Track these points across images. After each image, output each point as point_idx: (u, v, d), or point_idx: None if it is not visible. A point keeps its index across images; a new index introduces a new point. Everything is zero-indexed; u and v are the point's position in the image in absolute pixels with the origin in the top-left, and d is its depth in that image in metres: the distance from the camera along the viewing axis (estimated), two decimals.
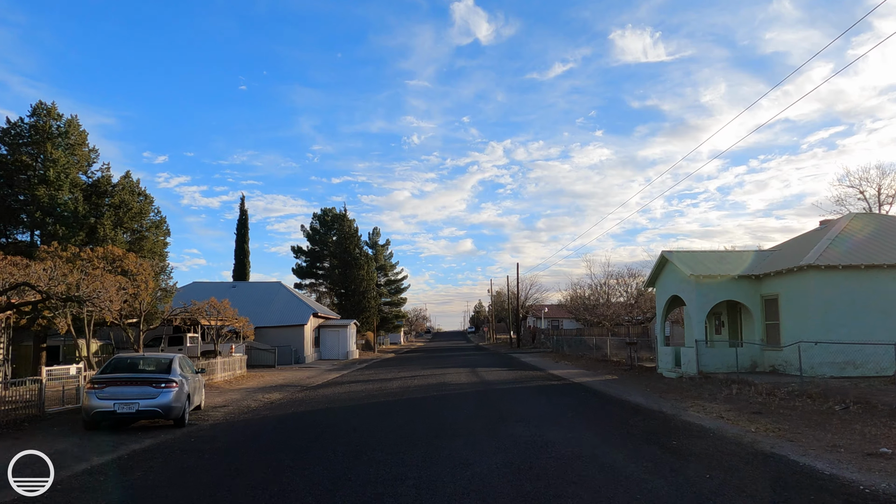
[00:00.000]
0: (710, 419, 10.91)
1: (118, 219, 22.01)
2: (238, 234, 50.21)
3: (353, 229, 51.42)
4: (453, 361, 34.49)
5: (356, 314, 49.51)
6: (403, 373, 25.61)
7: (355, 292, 49.63)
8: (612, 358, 28.58)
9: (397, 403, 14.56)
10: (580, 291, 40.72)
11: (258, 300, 39.33)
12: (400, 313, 75.66)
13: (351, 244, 50.25)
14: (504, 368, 27.33)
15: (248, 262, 50.13)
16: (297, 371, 28.69)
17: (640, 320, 55.02)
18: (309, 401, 15.81)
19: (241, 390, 19.10)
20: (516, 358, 37.04)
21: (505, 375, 22.86)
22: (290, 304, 38.76)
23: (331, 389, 18.86)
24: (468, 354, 44.76)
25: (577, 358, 33.32)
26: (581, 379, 20.61)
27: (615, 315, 32.60)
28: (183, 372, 11.86)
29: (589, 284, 40.56)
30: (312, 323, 38.37)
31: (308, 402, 15.38)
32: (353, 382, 21.37)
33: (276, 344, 35.09)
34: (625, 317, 35.83)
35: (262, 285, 42.63)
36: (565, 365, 28.76)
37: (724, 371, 17.91)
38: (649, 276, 22.22)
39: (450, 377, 22.31)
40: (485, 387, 18.36)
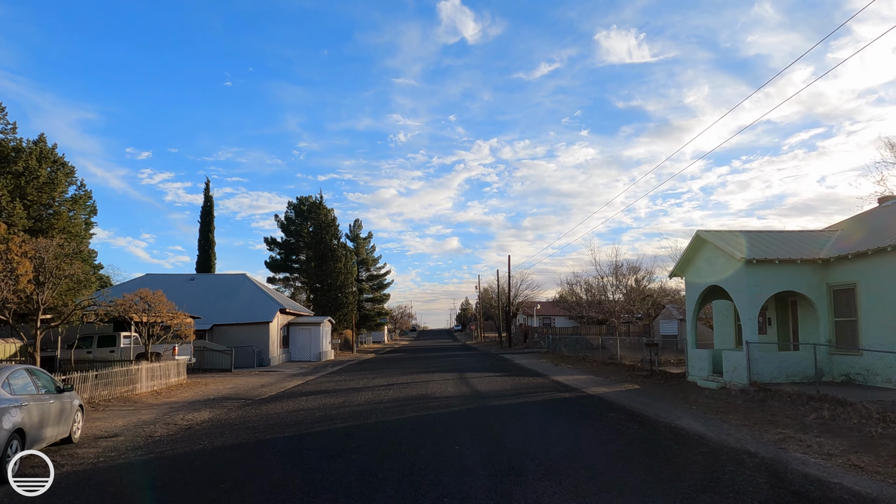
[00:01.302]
0: (841, 469, 6.95)
1: (19, 188, 17.50)
2: (202, 221, 45.63)
3: (330, 218, 47.06)
4: (438, 364, 30.42)
5: (332, 311, 45.19)
6: (379, 379, 21.45)
7: (332, 287, 45.28)
8: (624, 361, 24.70)
9: (359, 431, 10.42)
10: (584, 284, 36.67)
11: (219, 294, 34.91)
12: (383, 310, 71.35)
13: (327, 234, 45.89)
14: (497, 373, 23.31)
15: (214, 254, 45.60)
16: (254, 377, 24.37)
17: (638, 318, 51.48)
18: (241, 425, 11.59)
19: (164, 406, 14.81)
20: (509, 360, 33.05)
21: (500, 384, 18.82)
22: (255, 298, 34.36)
23: (280, 405, 14.64)
24: (455, 355, 40.70)
25: (578, 360, 29.42)
26: (596, 389, 16.64)
27: (625, 311, 28.79)
28: (15, 394, 7.62)
29: (593, 277, 36.58)
30: (280, 320, 34.02)
31: (238, 429, 11.16)
32: (314, 394, 17.16)
33: (237, 344, 30.75)
34: (627, 314, 31.96)
35: (224, 278, 38.15)
36: (568, 369, 24.83)
37: (782, 381, 14.08)
38: (677, 264, 18.32)
39: (434, 386, 18.22)
40: (478, 402, 14.29)
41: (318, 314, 43.74)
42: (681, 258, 18.06)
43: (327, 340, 38.76)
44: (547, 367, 26.78)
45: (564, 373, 22.95)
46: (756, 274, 14.52)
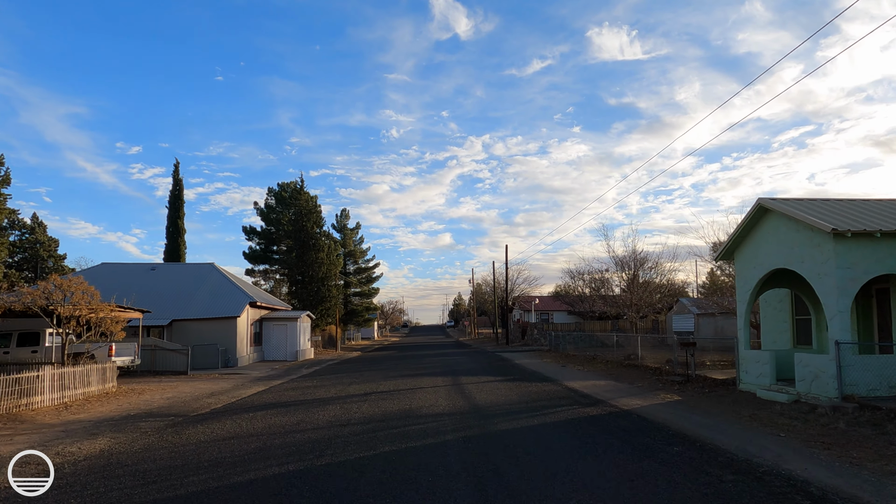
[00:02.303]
0: None
1: None
2: (171, 207, 41.57)
3: (311, 204, 43.16)
4: (429, 364, 26.74)
5: (314, 305, 41.35)
6: (356, 386, 17.73)
7: (313, 279, 41.42)
8: (645, 362, 21.12)
9: (298, 486, 6.70)
10: (591, 276, 32.96)
11: (183, 286, 31.01)
12: (371, 305, 67.55)
13: (309, 222, 41.99)
14: (498, 378, 19.66)
15: (184, 242, 41.58)
16: (209, 381, 20.57)
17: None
18: (129, 467, 7.84)
19: (56, 428, 11.01)
20: (508, 360, 29.42)
21: (504, 393, 15.17)
22: (223, 290, 30.48)
23: (212, 428, 10.89)
24: (448, 353, 37.04)
25: (588, 360, 25.84)
26: (628, 402, 13.02)
27: (646, 304, 25.17)
28: None
29: (603, 269, 32.91)
30: (251, 314, 30.18)
31: (120, 475, 7.40)
32: (266, 409, 13.41)
33: (199, 341, 26.95)
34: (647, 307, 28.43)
35: (189, 268, 34.22)
36: (579, 371, 21.25)
37: (883, 394, 10.54)
38: (728, 243, 14.65)
39: (421, 397, 14.52)
40: (479, 424, 10.60)
41: (299, 309, 39.90)
42: (731, 238, 14.40)
43: (306, 337, 34.96)
44: (553, 368, 23.17)
45: (577, 376, 19.34)
46: (849, 252, 10.91)
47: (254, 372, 24.53)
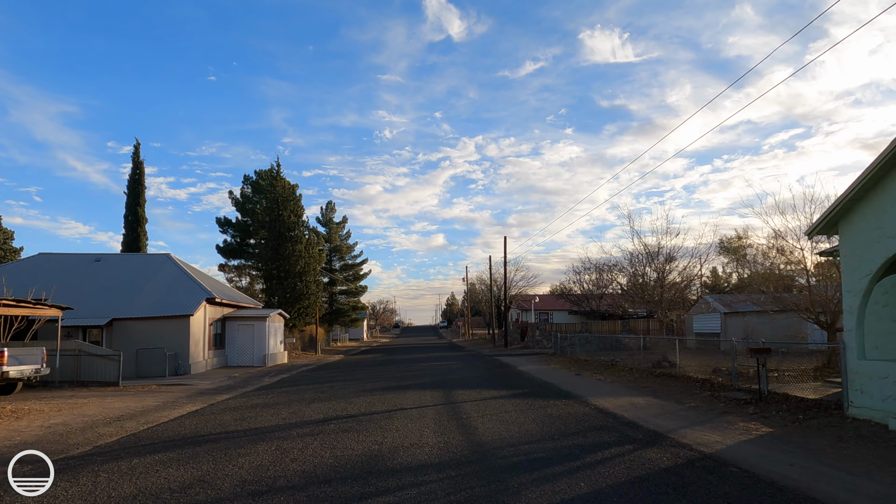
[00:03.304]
0: None
1: None
2: (130, 193, 37.08)
3: (288, 190, 38.82)
4: (418, 372, 22.54)
5: (291, 303, 37.03)
6: (317, 405, 13.49)
7: (290, 274, 37.09)
8: (687, 371, 16.99)
9: None
10: (604, 269, 28.75)
11: (131, 280, 26.66)
12: (359, 304, 63.20)
13: (284, 210, 37.65)
14: (502, 392, 15.51)
15: (144, 232, 37.11)
16: (137, 397, 16.27)
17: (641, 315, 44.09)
18: None
19: None
20: (510, 366, 25.26)
21: (516, 419, 11.02)
22: (176, 284, 26.13)
23: (48, 496, 6.62)
24: (440, 357, 32.85)
25: (605, 367, 21.76)
26: (700, 436, 8.89)
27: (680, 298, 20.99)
28: None
29: (615, 261, 28.69)
30: (209, 313, 25.85)
31: None
32: (168, 450, 9.17)
33: (148, 344, 22.73)
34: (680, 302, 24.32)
35: (140, 259, 29.83)
36: (600, 382, 17.16)
37: None
38: (827, 214, 10.50)
39: (400, 427, 10.30)
40: (489, 486, 6.43)
41: (273, 307, 35.59)
42: (834, 206, 10.26)
43: (278, 339, 30.63)
44: (567, 377, 19.06)
45: (602, 390, 15.23)
46: None
47: (204, 382, 20.21)
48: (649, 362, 20.05)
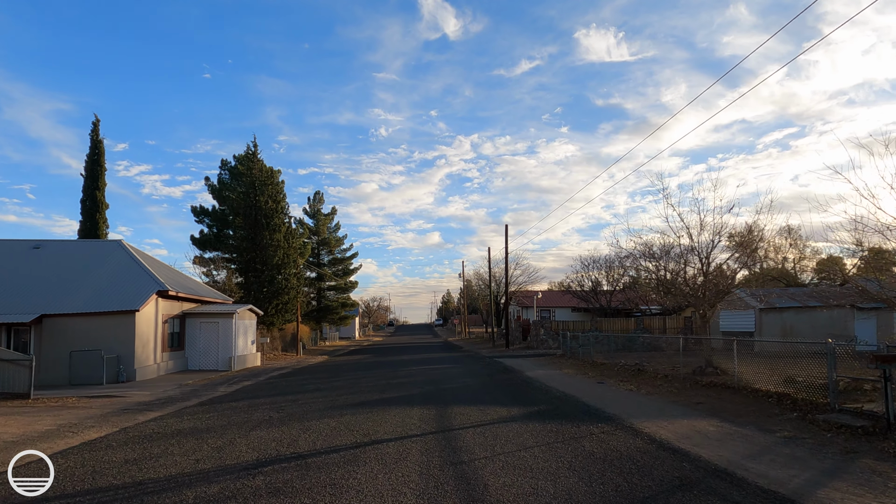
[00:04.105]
0: None
1: None
2: (88, 175, 33.16)
3: (266, 173, 35.01)
4: (407, 378, 18.83)
5: (268, 298, 33.26)
6: (256, 435, 9.72)
7: (267, 266, 33.30)
8: (747, 380, 13.32)
9: None
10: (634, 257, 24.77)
11: (71, 269, 22.85)
12: (349, 301, 59.36)
13: (262, 195, 33.85)
14: (515, 409, 11.84)
15: (104, 218, 33.20)
16: (35, 415, 12.51)
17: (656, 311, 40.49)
18: None
19: None
20: (515, 370, 21.60)
21: (544, 462, 7.36)
22: (123, 275, 22.32)
23: None
24: (434, 359, 29.16)
25: (631, 374, 18.16)
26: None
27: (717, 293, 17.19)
28: None
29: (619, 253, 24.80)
30: (163, 308, 22.08)
31: None
32: None
33: (84, 345, 19.04)
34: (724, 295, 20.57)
35: (86, 246, 25.96)
36: (633, 395, 13.54)
37: None
38: None
39: (365, 483, 6.55)
40: None
41: (249, 302, 31.82)
42: None
43: (248, 339, 26.86)
44: (588, 387, 15.41)
45: (643, 407, 11.59)
46: None
47: (143, 393, 16.44)
48: (689, 367, 16.42)
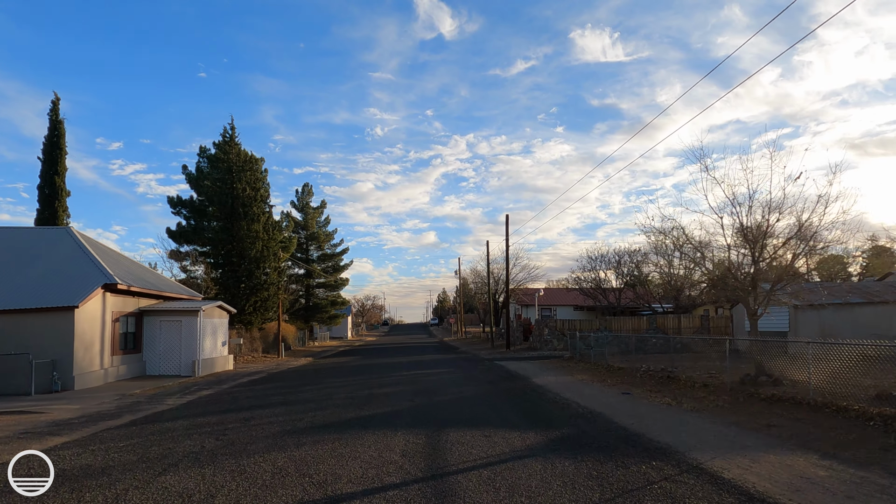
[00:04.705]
0: None
1: None
2: (46, 160, 30.04)
3: (243, 159, 32.01)
4: (394, 389, 15.84)
5: (247, 295, 30.26)
6: (156, 487, 6.74)
7: (244, 259, 30.31)
8: (830, 396, 10.43)
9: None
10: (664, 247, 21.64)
11: (12, 260, 19.80)
12: (339, 299, 56.36)
13: (239, 182, 30.86)
14: (531, 435, 8.92)
15: (64, 206, 30.10)
16: None
17: (668, 309, 37.73)
18: None
19: None
20: (521, 376, 18.69)
21: None
22: (65, 266, 19.31)
23: None
24: (428, 363, 26.22)
25: (661, 382, 15.33)
26: None
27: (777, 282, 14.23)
28: None
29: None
30: (113, 305, 19.07)
31: None
32: None
33: (13, 348, 16.00)
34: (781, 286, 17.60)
35: (28, 234, 22.89)
36: (678, 411, 10.71)
37: None
38: None
39: None
40: None
41: (225, 299, 28.83)
42: None
43: (219, 340, 23.85)
44: (615, 400, 12.53)
45: (701, 433, 8.72)
46: None
47: (70, 407, 13.44)
48: (737, 375, 13.56)
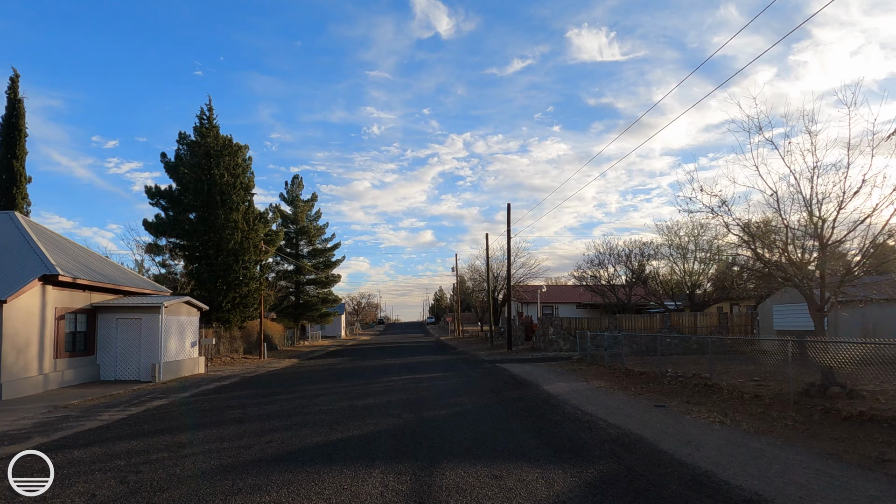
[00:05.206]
0: None
1: None
2: (3, 140, 27.39)
3: (222, 143, 29.40)
4: (379, 395, 13.24)
5: (224, 291, 27.69)
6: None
7: (221, 251, 27.72)
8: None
9: None
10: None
11: None
12: (330, 296, 53.72)
13: (217, 167, 28.26)
14: (559, 476, 6.34)
15: (24, 193, 27.48)
16: None
17: (677, 306, 35.34)
18: None
19: None
20: (528, 382, 16.19)
21: None
22: (3, 255, 16.68)
23: None
24: (423, 365, 23.67)
25: (698, 391, 12.86)
26: None
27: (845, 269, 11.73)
28: None
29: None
30: (55, 300, 16.47)
31: None
32: None
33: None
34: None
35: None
36: (737, 433, 8.19)
37: None
38: None
39: None
40: None
41: (200, 295, 26.25)
42: None
43: (188, 340, 21.25)
44: (651, 415, 10.03)
45: (791, 470, 6.21)
46: None
47: None
48: (799, 385, 11.07)
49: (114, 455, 8.02)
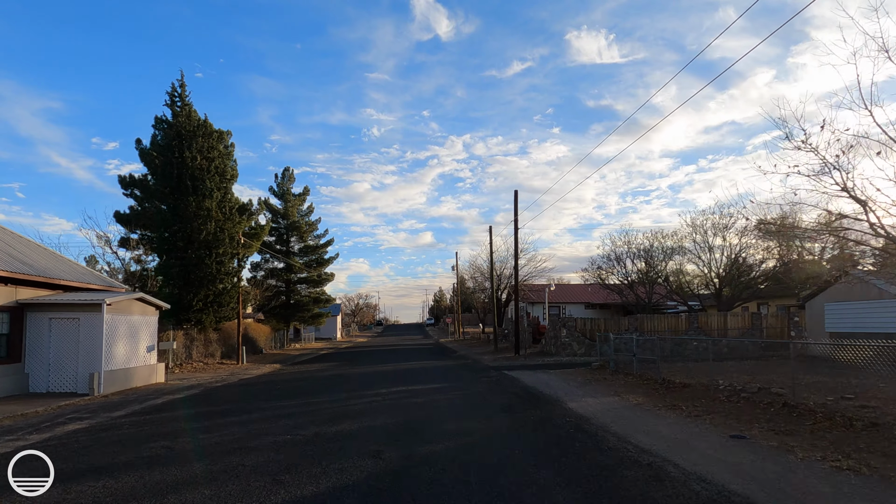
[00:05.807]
0: None
1: None
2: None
3: (195, 122, 26.28)
4: (360, 418, 10.01)
5: (195, 287, 24.56)
6: None
7: (192, 243, 24.59)
8: None
9: None
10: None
11: None
12: (323, 296, 50.56)
13: (189, 150, 25.15)
14: None
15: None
16: None
17: (692, 304, 32.23)
18: None
19: None
20: (547, 398, 13.03)
21: None
22: None
23: None
24: (421, 373, 20.49)
25: (774, 413, 9.62)
26: None
27: None
28: None
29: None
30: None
31: None
32: None
33: None
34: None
35: None
36: (888, 493, 4.94)
37: None
38: None
39: None
40: None
41: (171, 293, 23.14)
42: None
43: (143, 344, 18.10)
44: (737, 455, 6.83)
45: None
46: None
47: None
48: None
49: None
